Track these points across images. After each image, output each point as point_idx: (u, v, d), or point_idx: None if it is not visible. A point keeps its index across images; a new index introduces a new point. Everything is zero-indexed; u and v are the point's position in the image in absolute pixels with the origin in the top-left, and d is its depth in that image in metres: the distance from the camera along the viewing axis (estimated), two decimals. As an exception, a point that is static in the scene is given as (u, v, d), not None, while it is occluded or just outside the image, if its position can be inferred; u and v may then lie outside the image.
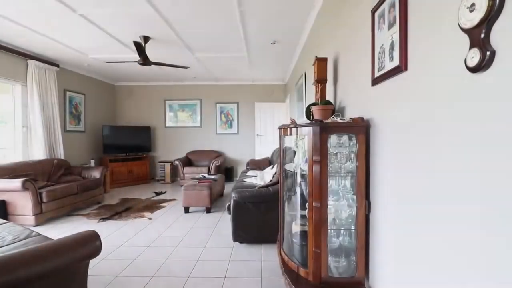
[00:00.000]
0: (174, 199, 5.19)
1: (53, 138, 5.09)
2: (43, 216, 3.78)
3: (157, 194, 5.70)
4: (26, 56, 4.60)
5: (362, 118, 1.57)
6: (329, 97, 2.45)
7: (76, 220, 3.99)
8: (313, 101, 2.51)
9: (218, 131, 7.38)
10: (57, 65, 5.19)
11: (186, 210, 4.29)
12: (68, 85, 5.72)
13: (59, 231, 3.55)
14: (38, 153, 4.77)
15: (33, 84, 4.68)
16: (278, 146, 6.73)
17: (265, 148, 7.10)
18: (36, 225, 3.69)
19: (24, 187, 3.54)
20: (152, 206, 4.71)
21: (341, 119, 1.65)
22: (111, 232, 3.45)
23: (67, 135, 5.67)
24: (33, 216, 3.66)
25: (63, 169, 4.77)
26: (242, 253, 2.82)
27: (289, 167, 2.05)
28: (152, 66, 5.51)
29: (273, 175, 4.07)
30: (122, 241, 3.15)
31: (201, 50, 4.60)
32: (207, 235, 3.35)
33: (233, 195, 2.85)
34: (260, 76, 6.60)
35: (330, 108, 2.04)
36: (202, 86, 7.36)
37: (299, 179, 1.96)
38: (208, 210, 4.26)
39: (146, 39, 3.91)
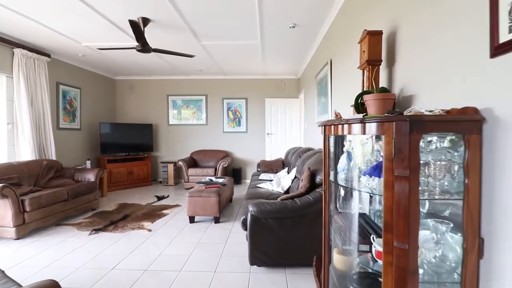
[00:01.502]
0: (177, 205, 4.65)
1: (43, 137, 4.57)
2: (26, 227, 3.25)
3: (159, 198, 5.17)
4: (12, 43, 4.07)
5: (475, 109, 1.00)
6: (381, 84, 1.87)
7: (65, 231, 3.46)
8: (343, 93, 1.93)
9: (225, 129, 6.83)
10: (48, 55, 4.66)
11: (192, 219, 3.75)
12: (62, 77, 5.19)
13: (44, 245, 3.02)
14: (25, 153, 4.25)
15: (20, 76, 4.15)
16: (294, 145, 6.17)
17: (276, 148, 6.53)
18: (17, 238, 3.17)
19: (2, 194, 3.01)
20: (153, 213, 4.17)
21: (428, 111, 1.08)
22: (102, 249, 2.91)
23: (60, 133, 5.15)
24: (14, 228, 3.13)
25: (53, 171, 4.24)
26: (262, 280, 2.26)
27: (341, 180, 1.47)
28: (153, 57, 4.99)
29: (292, 181, 3.51)
30: (115, 262, 2.61)
31: (209, 37, 4.03)
32: (217, 254, 2.79)
33: (250, 208, 2.28)
34: (272, 69, 6.02)
35: (391, 98, 1.47)
36: (208, 81, 6.80)
37: (355, 198, 1.40)
38: (217, 220, 3.71)
39: (145, 21, 3.35)
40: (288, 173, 4.27)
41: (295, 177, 3.55)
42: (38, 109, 4.48)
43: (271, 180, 4.07)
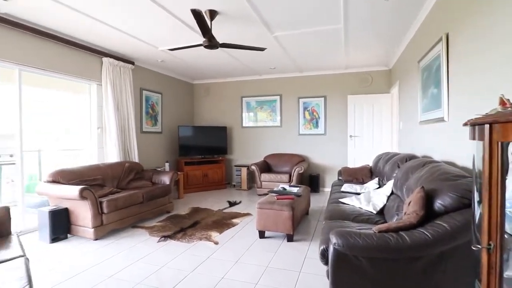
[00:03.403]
0: (248, 214, 4.29)
1: (127, 140, 4.83)
2: (103, 228, 3.33)
3: (231, 204, 4.92)
4: (100, 53, 4.38)
5: None
6: None
7: (138, 235, 3.44)
8: (476, 80, 1.12)
9: (301, 131, 6.23)
10: (132, 63, 4.92)
11: (262, 234, 3.29)
12: (144, 83, 5.47)
13: (117, 249, 3.00)
14: (112, 155, 4.52)
15: (108, 83, 4.44)
16: (384, 150, 5.16)
17: (361, 153, 5.60)
18: (96, 239, 3.25)
19: (82, 196, 3.12)
20: (223, 222, 3.89)
21: None
22: (167, 261, 2.69)
23: (143, 136, 5.42)
24: (93, 229, 3.22)
25: (133, 173, 4.40)
26: None
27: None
28: (226, 56, 4.77)
29: (387, 198, 2.70)
30: (175, 281, 2.33)
31: (282, 26, 3.53)
32: (289, 286, 2.24)
33: (334, 240, 1.66)
34: (356, 60, 5.16)
35: None
36: (283, 79, 6.32)
37: None
38: (290, 238, 3.16)
39: (212, 14, 3.06)
40: (380, 186, 3.42)
41: (392, 193, 2.72)
42: (123, 114, 4.75)
43: (357, 194, 3.30)
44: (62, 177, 3.45)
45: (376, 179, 3.70)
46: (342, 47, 4.32)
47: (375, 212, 2.62)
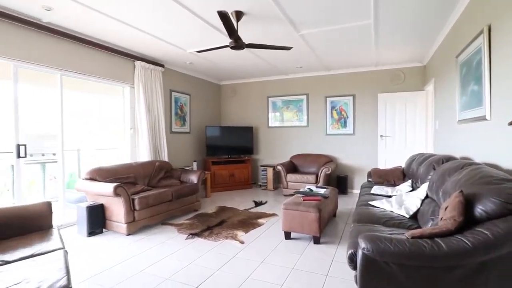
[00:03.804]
0: (274, 214, 4.27)
1: (158, 140, 5.02)
2: (135, 224, 3.48)
3: (257, 204, 4.93)
4: (133, 57, 4.59)
5: None
6: None
7: (167, 231, 3.56)
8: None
9: (328, 131, 6.09)
10: (162, 65, 5.10)
11: (287, 235, 3.26)
12: (174, 85, 5.65)
13: (148, 244, 3.13)
14: (144, 154, 4.72)
15: (139, 85, 4.64)
16: (418, 151, 4.90)
17: (393, 154, 5.36)
18: (128, 234, 3.41)
19: (116, 193, 3.28)
20: (248, 222, 3.91)
21: None
22: (194, 258, 2.76)
23: (173, 137, 5.60)
24: (125, 225, 3.38)
25: (163, 172, 4.56)
26: None
27: None
28: (252, 56, 4.79)
29: (422, 201, 2.55)
30: (202, 278, 2.37)
31: (308, 24, 3.47)
32: (315, 289, 2.20)
33: (362, 245, 1.60)
34: (387, 57, 4.94)
35: None
36: (309, 78, 6.22)
37: None
38: (317, 240, 3.09)
39: (238, 15, 3.09)
40: (413, 189, 3.24)
41: (427, 196, 2.57)
42: (154, 115, 4.93)
43: (388, 197, 3.16)
44: (99, 174, 3.66)
45: (409, 181, 3.51)
46: (372, 43, 4.16)
47: (407, 216, 2.48)
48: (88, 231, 3.36)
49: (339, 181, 5.67)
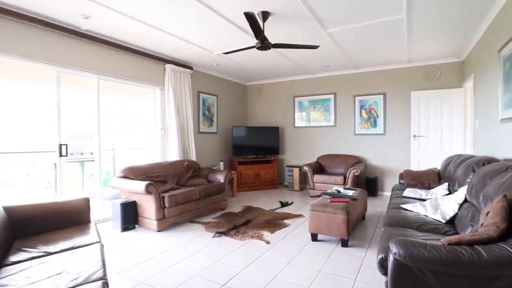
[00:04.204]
0: (300, 215, 4.22)
1: (186, 140, 5.16)
2: (165, 221, 3.61)
3: (283, 205, 4.91)
4: (163, 60, 4.76)
5: None
6: None
7: (195, 229, 3.65)
8: None
9: (357, 131, 5.91)
10: (191, 68, 5.25)
11: (314, 237, 3.21)
12: (201, 87, 5.78)
13: (176, 241, 3.23)
14: (173, 154, 4.88)
15: (169, 87, 4.81)
16: (455, 152, 4.61)
17: (427, 155, 5.08)
18: (159, 231, 3.55)
19: (147, 191, 3.43)
20: (274, 222, 3.90)
21: None
22: (221, 256, 2.80)
23: (200, 137, 5.73)
24: (156, 221, 3.52)
25: (191, 171, 4.68)
26: None
27: None
28: (278, 56, 4.77)
29: (459, 205, 2.40)
30: (228, 276, 2.41)
31: (336, 22, 3.39)
32: (343, 294, 2.14)
33: (394, 250, 1.53)
34: (420, 53, 4.70)
35: None
36: (337, 77, 6.08)
37: None
38: (345, 243, 3.01)
39: (265, 15, 3.09)
40: (450, 192, 3.05)
41: (465, 200, 2.40)
42: (183, 116, 5.09)
43: (422, 200, 3.00)
44: (132, 173, 3.84)
45: (446, 184, 3.31)
46: (404, 39, 3.97)
47: (443, 221, 2.34)
48: (122, 227, 3.54)
49: (369, 183, 5.48)
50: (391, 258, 1.57)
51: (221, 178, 4.66)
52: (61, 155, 3.55)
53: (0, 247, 1.85)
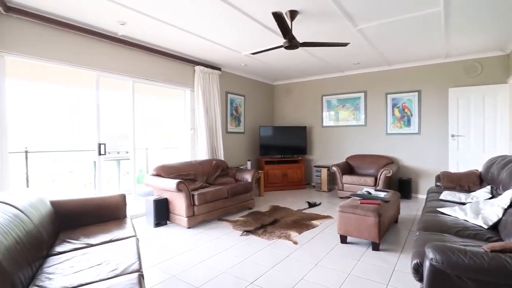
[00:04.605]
0: (329, 217, 4.14)
1: (214, 140, 5.27)
2: (195, 219, 3.72)
3: (310, 205, 4.85)
4: (193, 62, 4.90)
5: None
6: None
7: (223, 227, 3.72)
8: None
9: (389, 131, 5.68)
10: (219, 69, 5.35)
11: (343, 239, 3.14)
12: (229, 87, 5.87)
13: (205, 238, 3.32)
14: (202, 153, 5.01)
15: (199, 89, 4.94)
16: (499, 153, 4.27)
17: (467, 156, 4.76)
18: (189, 227, 3.67)
19: (178, 189, 3.55)
20: (302, 222, 3.87)
21: None
22: (248, 255, 2.84)
23: (228, 136, 5.82)
24: (186, 218, 3.64)
25: (219, 170, 4.77)
26: None
27: None
28: (305, 55, 4.72)
29: (504, 210, 2.23)
30: (256, 275, 2.43)
31: (367, 18, 3.29)
32: (374, 298, 2.07)
33: (430, 255, 1.46)
34: (459, 46, 4.41)
35: None
36: (368, 74, 5.88)
37: None
38: (376, 247, 2.91)
39: (293, 14, 3.07)
40: (493, 196, 2.83)
41: (511, 205, 2.22)
42: (211, 116, 5.20)
43: (461, 204, 2.82)
44: (163, 171, 4.00)
45: (488, 187, 3.08)
46: (441, 32, 3.75)
47: (486, 227, 2.18)
48: (154, 222, 3.70)
49: (401, 185, 5.24)
50: (427, 264, 1.50)
51: (248, 177, 4.70)
52: (100, 154, 3.78)
53: (48, 238, 2.02)
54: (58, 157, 3.97)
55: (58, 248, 1.99)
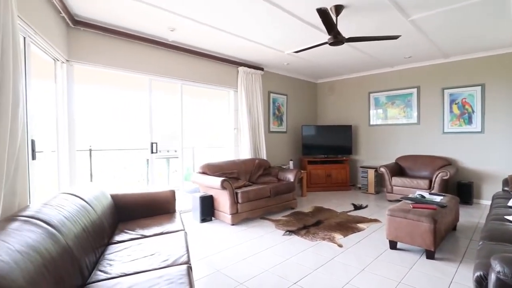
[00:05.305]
0: (376, 220, 3.93)
1: (257, 139, 5.33)
2: (238, 216, 3.81)
3: (356, 208, 4.65)
4: (236, 63, 5.02)
5: None
6: None
7: (266, 226, 3.75)
8: None
9: (446, 129, 5.19)
10: (262, 69, 5.40)
11: (393, 245, 2.95)
12: (272, 87, 5.89)
13: (248, 236, 3.38)
14: (245, 152, 5.10)
15: (242, 89, 5.04)
16: None
17: (543, 157, 4.14)
18: (232, 224, 3.76)
19: (223, 187, 3.67)
20: (347, 225, 3.73)
21: None
22: (291, 255, 2.82)
23: (270, 136, 5.85)
24: (230, 215, 3.74)
25: (262, 169, 4.82)
26: None
27: None
28: (351, 51, 4.54)
29: None
30: (299, 276, 2.41)
31: (421, 7, 3.04)
32: (429, 311, 1.92)
33: (497, 267, 1.30)
34: (535, 34, 3.85)
35: None
36: (421, 68, 5.44)
37: None
38: (430, 255, 2.69)
39: (338, 9, 2.97)
40: None
41: None
42: (254, 116, 5.27)
43: (536, 212, 2.46)
44: (209, 169, 4.16)
45: None
46: (507, 19, 3.31)
47: None
48: (201, 218, 3.87)
49: (461, 189, 4.75)
50: (493, 277, 1.35)
51: (291, 177, 4.67)
52: (152, 152, 4.07)
53: (109, 228, 2.23)
54: (116, 155, 4.37)
55: (117, 238, 2.18)
